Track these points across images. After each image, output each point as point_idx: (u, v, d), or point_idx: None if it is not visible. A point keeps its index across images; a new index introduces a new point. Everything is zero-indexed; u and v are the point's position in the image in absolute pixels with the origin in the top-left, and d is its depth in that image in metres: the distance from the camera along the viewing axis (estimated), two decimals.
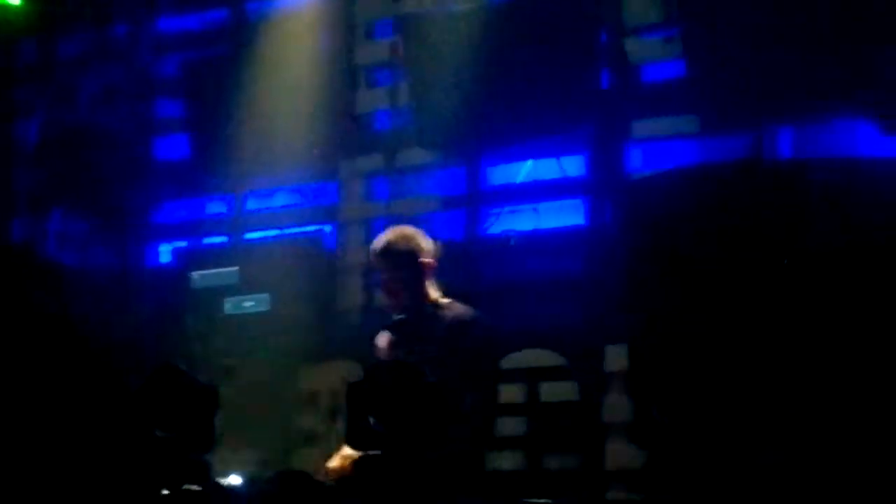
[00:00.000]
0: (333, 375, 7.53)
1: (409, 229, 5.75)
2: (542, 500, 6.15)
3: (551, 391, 6.98)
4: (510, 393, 6.97)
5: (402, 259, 5.57)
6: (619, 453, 6.72)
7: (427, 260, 5.59)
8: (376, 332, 7.44)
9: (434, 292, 5.61)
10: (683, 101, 6.92)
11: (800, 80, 6.51)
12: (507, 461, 6.93)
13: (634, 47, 7.08)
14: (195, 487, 4.44)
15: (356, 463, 4.62)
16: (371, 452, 4.45)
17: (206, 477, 4.53)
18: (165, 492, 4.58)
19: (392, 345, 5.62)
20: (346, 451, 5.24)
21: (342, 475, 5.19)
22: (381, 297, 5.74)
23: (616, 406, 6.77)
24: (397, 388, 4.44)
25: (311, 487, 4.53)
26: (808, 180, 5.36)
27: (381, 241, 5.67)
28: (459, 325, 5.49)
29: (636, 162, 7.12)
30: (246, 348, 7.46)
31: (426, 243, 5.63)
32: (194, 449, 4.51)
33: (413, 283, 5.57)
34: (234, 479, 4.75)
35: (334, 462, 5.35)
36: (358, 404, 4.45)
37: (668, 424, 5.73)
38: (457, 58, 7.30)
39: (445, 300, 5.62)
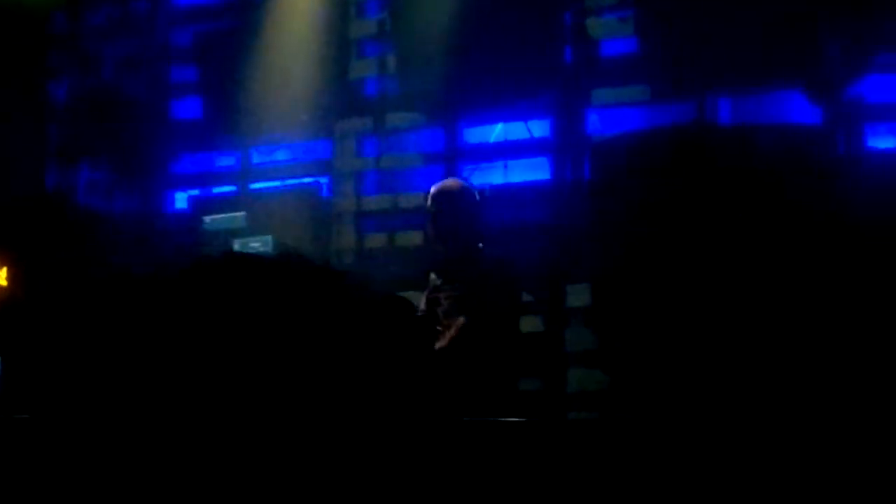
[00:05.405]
0: None
1: (461, 180, 5.65)
2: (513, 419, 6.07)
3: (520, 324, 6.85)
4: None
5: (460, 202, 5.40)
6: (580, 378, 6.71)
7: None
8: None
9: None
10: (636, 73, 6.88)
11: (739, 55, 6.45)
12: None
13: (594, 25, 7.03)
14: None
15: None
16: None
17: None
18: None
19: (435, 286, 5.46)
20: None
21: None
22: (433, 238, 5.55)
23: (576, 337, 6.72)
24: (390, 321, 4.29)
25: None
26: (752, 143, 5.30)
27: (440, 185, 5.51)
28: (497, 267, 5.41)
29: (595, 125, 7.10)
30: None
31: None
32: None
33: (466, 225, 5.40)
34: None
35: None
36: None
37: (625, 353, 5.67)
38: (438, 33, 7.21)
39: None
